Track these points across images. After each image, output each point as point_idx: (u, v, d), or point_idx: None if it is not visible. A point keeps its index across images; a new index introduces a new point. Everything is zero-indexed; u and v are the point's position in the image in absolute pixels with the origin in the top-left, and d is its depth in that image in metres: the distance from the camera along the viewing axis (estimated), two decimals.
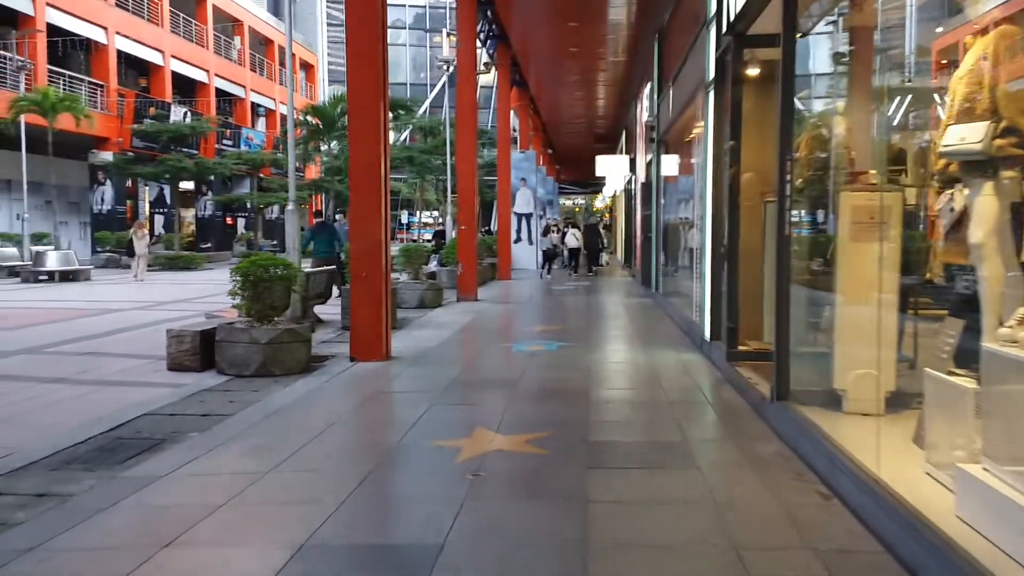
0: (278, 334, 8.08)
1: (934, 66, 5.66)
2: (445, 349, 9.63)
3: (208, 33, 37.72)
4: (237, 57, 41.13)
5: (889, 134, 5.88)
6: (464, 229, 15.67)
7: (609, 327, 12.22)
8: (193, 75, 36.68)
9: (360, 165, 8.78)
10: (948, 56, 5.69)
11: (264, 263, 8.49)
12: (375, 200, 8.72)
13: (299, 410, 6.37)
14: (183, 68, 35.78)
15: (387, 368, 8.27)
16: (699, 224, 9.97)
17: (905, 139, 5.98)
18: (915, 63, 5.99)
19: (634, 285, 19.85)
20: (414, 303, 14.54)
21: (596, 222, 31.22)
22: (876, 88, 6.13)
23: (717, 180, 8.41)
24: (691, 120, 11.29)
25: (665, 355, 8.88)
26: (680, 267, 12.54)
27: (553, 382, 7.35)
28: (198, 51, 37.08)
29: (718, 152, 8.41)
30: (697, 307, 9.82)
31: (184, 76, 36.12)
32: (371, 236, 8.73)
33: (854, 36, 6.61)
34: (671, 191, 14.06)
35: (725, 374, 7.38)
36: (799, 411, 5.22)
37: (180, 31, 36.02)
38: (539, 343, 9.83)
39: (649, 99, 16.85)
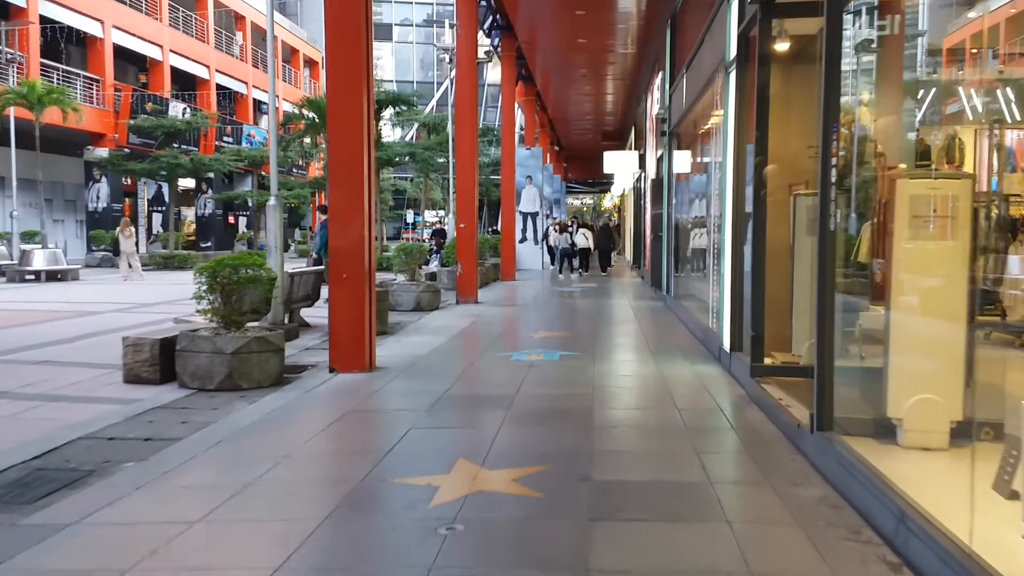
0: (246, 343, 7.21)
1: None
2: (437, 358, 8.75)
3: (209, 28, 36.96)
4: (239, 53, 40.36)
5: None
6: (464, 228, 14.79)
7: (616, 333, 11.31)
8: (193, 71, 35.93)
9: (340, 155, 7.91)
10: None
11: (234, 263, 7.63)
12: (357, 194, 7.85)
13: (257, 435, 5.50)
14: (183, 63, 35.03)
15: (369, 381, 7.39)
16: (716, 222, 9.07)
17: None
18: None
19: (643, 287, 18.93)
20: (410, 306, 13.68)
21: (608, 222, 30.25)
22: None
23: (738, 172, 7.50)
24: (707, 108, 10.38)
25: (679, 367, 7.98)
26: (694, 269, 11.62)
27: (553, 400, 6.46)
28: (198, 46, 36.32)
29: (739, 141, 7.50)
30: (714, 313, 8.91)
31: (184, 72, 35.38)
32: (352, 234, 7.85)
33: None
34: (684, 187, 13.15)
35: (749, 392, 6.47)
36: (846, 445, 4.32)
37: (180, 25, 35.27)
38: (540, 352, 8.94)
39: (660, 90, 15.93)
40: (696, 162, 11.93)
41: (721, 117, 8.68)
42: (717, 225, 8.90)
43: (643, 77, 21.85)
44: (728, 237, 7.73)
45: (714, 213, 9.19)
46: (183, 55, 34.95)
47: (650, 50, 19.26)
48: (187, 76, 35.81)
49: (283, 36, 45.39)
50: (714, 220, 9.14)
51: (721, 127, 8.59)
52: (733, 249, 7.52)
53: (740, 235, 7.51)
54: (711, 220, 9.28)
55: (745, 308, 7.43)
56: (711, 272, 9.29)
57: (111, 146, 29.34)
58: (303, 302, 11.71)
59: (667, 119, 14.40)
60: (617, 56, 21.67)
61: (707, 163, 10.66)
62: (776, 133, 6.92)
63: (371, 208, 8.05)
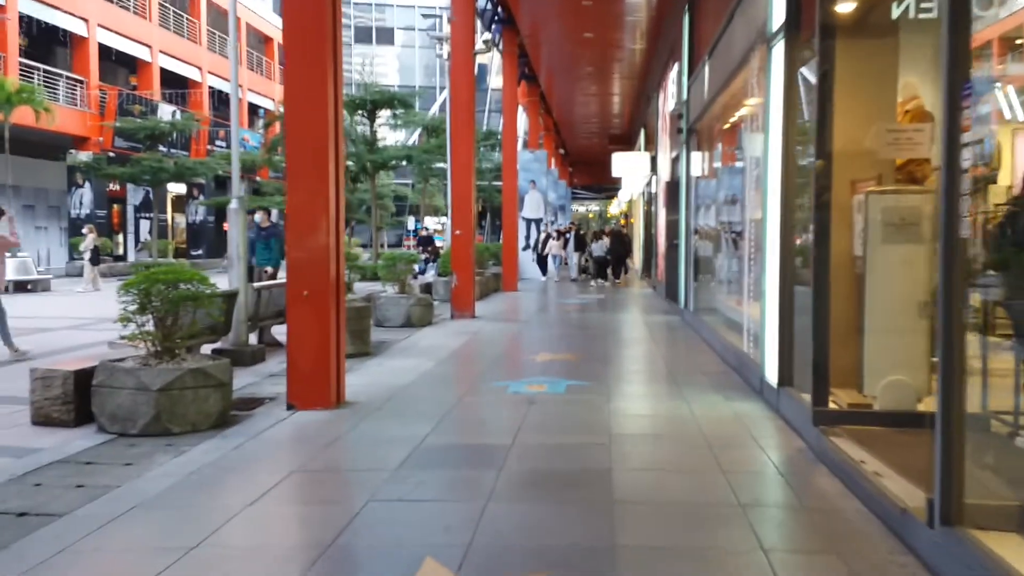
0: (178, 377, 5.80)
1: None
2: (420, 389, 7.34)
3: (201, 28, 35.69)
4: None
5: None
6: (460, 235, 13.39)
7: (632, 356, 9.91)
8: (185, 72, 34.64)
9: (300, 149, 6.53)
10: None
11: (169, 277, 6.24)
12: (320, 195, 6.46)
13: (158, 513, 4.09)
14: (173, 65, 33.74)
15: (333, 422, 5.99)
16: (752, 227, 7.65)
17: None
18: None
19: (656, 299, 17.49)
20: (399, 321, 12.28)
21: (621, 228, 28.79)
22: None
23: (787, 167, 6.08)
24: (737, 96, 8.98)
25: (712, 404, 6.55)
26: (720, 280, 10.20)
27: (558, 455, 5.04)
28: (190, 47, 35.06)
29: (788, 129, 6.09)
30: (751, 335, 7.49)
31: (175, 73, 34.09)
32: (315, 242, 6.46)
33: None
34: (705, 189, 11.74)
35: (813, 447, 5.03)
36: (989, 552, 2.90)
37: (171, 26, 34.00)
38: (543, 380, 7.53)
39: (676, 83, 14.53)
40: (722, 160, 10.52)
41: (759, 103, 7.28)
42: (753, 231, 7.48)
43: (654, 73, 20.48)
44: (773, 245, 6.32)
45: (749, 217, 7.77)
46: (174, 56, 33.67)
47: (663, 44, 17.89)
48: (178, 78, 34.53)
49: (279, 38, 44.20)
50: (749, 225, 7.73)
51: (760, 115, 7.18)
52: (782, 260, 6.10)
53: (789, 242, 6.09)
54: (746, 225, 7.87)
55: (796, 333, 6.02)
56: (745, 286, 7.88)
57: (96, 150, 28.03)
58: (274, 319, 10.32)
59: (684, 115, 13.00)
60: (626, 52, 20.32)
61: (737, 160, 9.25)
62: (838, 118, 5.50)
63: (339, 212, 6.66)
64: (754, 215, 7.54)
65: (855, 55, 5.64)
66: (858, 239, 5.52)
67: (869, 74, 5.77)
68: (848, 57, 5.52)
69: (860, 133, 5.69)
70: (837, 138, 5.41)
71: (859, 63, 5.69)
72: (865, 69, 5.74)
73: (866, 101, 5.74)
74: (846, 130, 5.54)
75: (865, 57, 5.75)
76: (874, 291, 5.24)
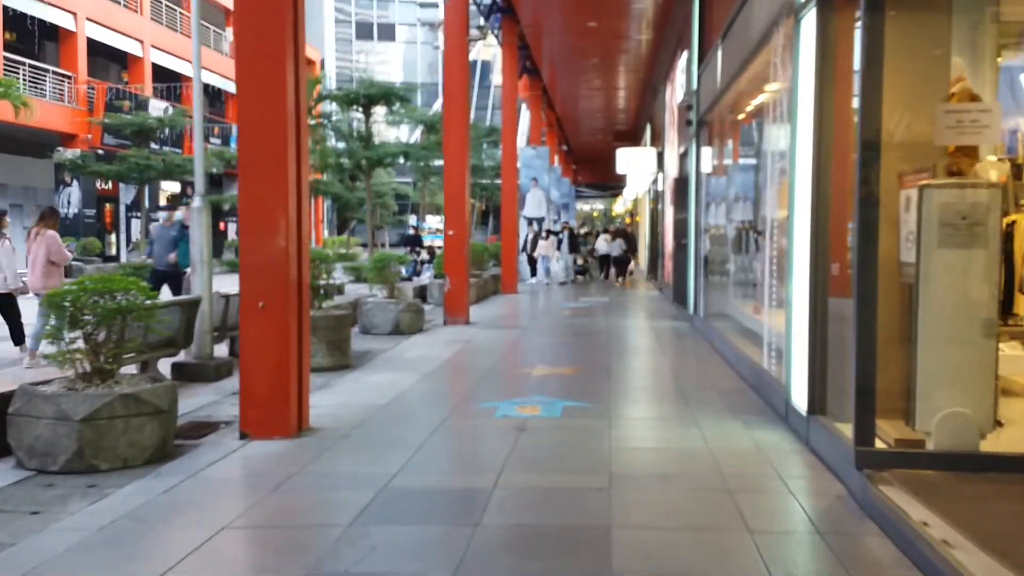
0: (105, 404, 4.96)
1: None
2: (397, 412, 6.49)
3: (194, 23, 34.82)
4: (229, 50, 38.22)
5: None
6: (452, 235, 12.52)
7: (637, 369, 9.04)
8: (178, 68, 33.78)
9: (253, 137, 5.68)
10: None
11: (102, 288, 5.39)
12: (277, 190, 5.61)
13: None
14: (166, 60, 32.87)
15: (289, 456, 5.14)
16: (774, 226, 6.79)
17: None
18: None
19: (663, 303, 16.60)
20: (387, 328, 11.43)
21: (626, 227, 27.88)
22: None
23: (820, 157, 5.21)
24: (755, 81, 8.11)
25: (729, 432, 5.68)
26: (734, 284, 9.34)
27: (545, 505, 4.17)
28: (183, 41, 34.15)
29: (821, 114, 5.22)
30: (773, 350, 6.62)
31: (168, 69, 33.22)
32: (271, 246, 5.61)
33: None
34: (718, 185, 10.86)
35: (858, 495, 4.16)
36: None
37: (163, 20, 33.15)
38: (536, 401, 6.67)
39: (685, 73, 13.64)
40: (736, 153, 9.65)
41: (783, 87, 6.41)
42: (776, 231, 6.61)
43: (661, 65, 19.60)
44: (801, 248, 5.45)
45: (770, 215, 6.90)
46: (166, 51, 32.80)
47: (670, 33, 17.01)
48: (171, 74, 33.69)
49: None
50: (770, 224, 6.85)
51: (785, 100, 6.31)
52: (813, 265, 5.23)
53: (823, 245, 5.22)
54: (766, 225, 6.99)
55: (829, 352, 5.15)
56: (766, 292, 7.00)
57: (84, 147, 27.21)
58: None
59: (694, 106, 12.11)
60: (631, 43, 19.44)
61: (756, 152, 8.39)
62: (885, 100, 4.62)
63: (302, 210, 5.80)
64: (776, 213, 6.67)
65: (902, 27, 4.76)
66: (906, 242, 4.65)
67: (918, 49, 4.90)
68: (894, 27, 4.65)
69: (908, 117, 4.83)
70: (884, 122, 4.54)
71: (906, 37, 4.82)
72: (914, 44, 4.87)
73: (915, 80, 4.87)
74: (892, 114, 4.67)
75: (913, 29, 4.88)
76: (928, 304, 4.36)
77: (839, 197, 5.26)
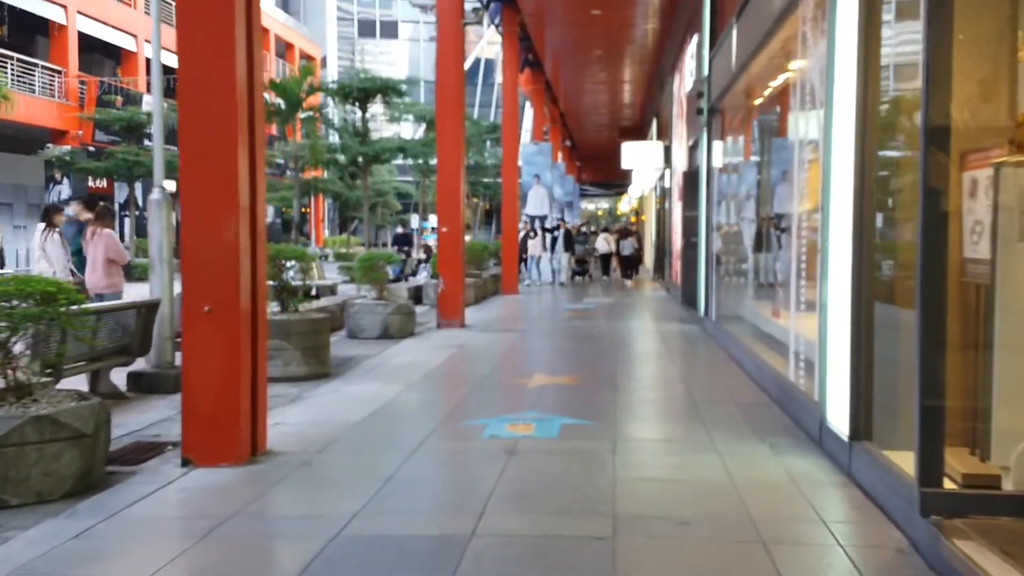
0: (14, 428, 4.17)
1: None
2: (372, 431, 5.68)
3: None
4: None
5: None
6: (447, 232, 11.72)
7: (644, 378, 8.22)
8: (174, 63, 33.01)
9: (196, 110, 4.88)
10: None
11: (17, 290, 4.60)
12: (225, 175, 4.81)
13: None
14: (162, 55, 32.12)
15: (233, 489, 4.35)
16: (798, 220, 5.97)
17: None
18: None
19: (671, 304, 15.77)
20: (375, 332, 10.63)
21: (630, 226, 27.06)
22: None
23: (866, 142, 4.39)
24: (776, 61, 7.29)
25: (755, 458, 4.85)
26: (752, 285, 8.51)
27: (534, 562, 3.35)
28: None
29: (867, 86, 4.39)
30: (800, 360, 5.79)
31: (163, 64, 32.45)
32: (219, 240, 4.81)
33: None
34: (732, 178, 10.02)
35: (925, 550, 3.33)
36: None
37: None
38: (531, 418, 5.86)
39: (696, 58, 12.81)
40: (755, 141, 8.82)
41: (812, 64, 5.59)
42: (803, 226, 5.79)
43: (668, 55, 18.76)
44: (840, 244, 4.62)
45: (796, 209, 6.08)
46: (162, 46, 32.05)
47: (678, 21, 16.18)
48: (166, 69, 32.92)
49: (277, 30, 42.71)
50: (797, 219, 6.03)
51: (815, 77, 5.49)
52: (856, 265, 4.40)
53: (867, 241, 4.39)
54: (792, 219, 6.17)
55: (876, 365, 4.33)
56: (792, 294, 6.18)
57: (75, 143, 26.48)
58: None
59: (705, 93, 11.28)
60: (637, 32, 18.61)
61: (777, 139, 7.57)
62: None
63: (256, 200, 5.00)
64: (803, 207, 5.85)
65: None
66: (972, 235, 3.83)
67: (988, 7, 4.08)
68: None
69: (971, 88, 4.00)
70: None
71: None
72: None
73: (984, 45, 4.05)
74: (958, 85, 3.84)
75: None
76: (1007, 311, 3.55)
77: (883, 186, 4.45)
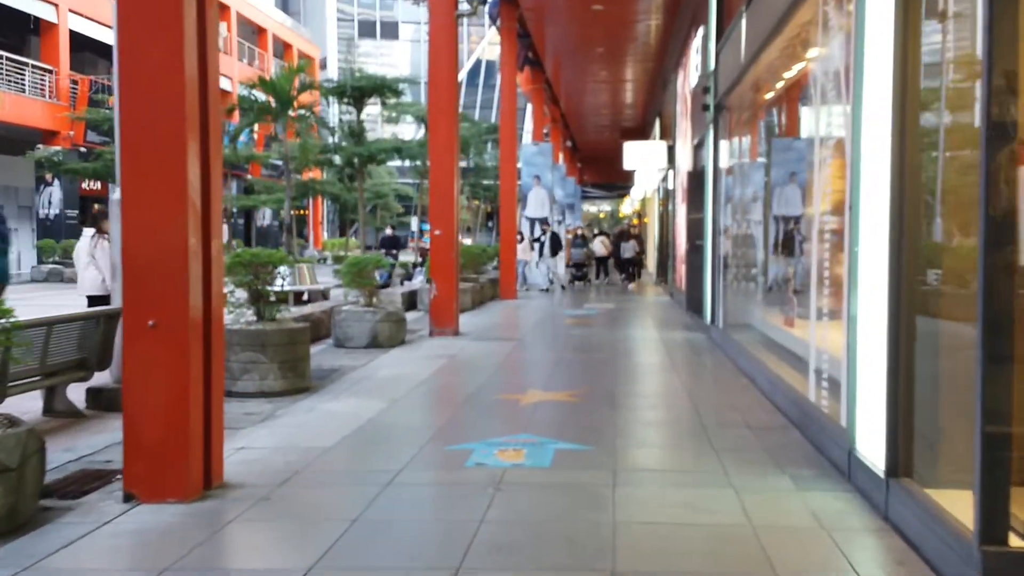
0: None
1: None
2: (341, 459, 5.09)
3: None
4: (223, 45, 36.95)
5: None
6: (440, 235, 11.13)
7: (648, 395, 7.62)
8: None
9: (139, 96, 4.30)
10: None
11: None
12: (173, 171, 4.22)
13: None
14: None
15: (176, 532, 3.77)
16: (819, 222, 5.38)
17: None
18: None
19: (675, 310, 15.17)
20: (363, 340, 10.04)
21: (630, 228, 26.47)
22: None
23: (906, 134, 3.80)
24: (792, 47, 6.70)
25: (775, 495, 4.26)
26: (764, 292, 7.92)
27: None
28: None
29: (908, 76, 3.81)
30: (822, 377, 5.20)
31: None
32: (165, 243, 4.23)
33: None
34: (741, 177, 9.43)
35: None
36: None
37: None
38: (522, 443, 5.27)
39: (701, 53, 12.23)
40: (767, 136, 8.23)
41: (834, 49, 5.00)
42: (828, 228, 5.19)
43: (672, 52, 18.18)
44: (874, 252, 4.03)
45: (817, 209, 5.49)
46: None
47: (683, 15, 15.59)
48: None
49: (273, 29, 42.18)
50: (817, 220, 5.44)
51: (840, 63, 4.90)
52: (894, 271, 3.81)
53: (908, 245, 3.80)
54: (813, 220, 5.57)
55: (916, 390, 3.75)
56: (811, 303, 5.58)
57: (66, 144, 25.95)
58: None
59: (711, 88, 10.70)
60: (640, 29, 18.04)
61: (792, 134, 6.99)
62: None
63: (211, 200, 4.42)
64: (824, 206, 5.26)
65: None
66: None
67: None
68: None
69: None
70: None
71: None
72: None
73: None
74: None
75: None
76: None
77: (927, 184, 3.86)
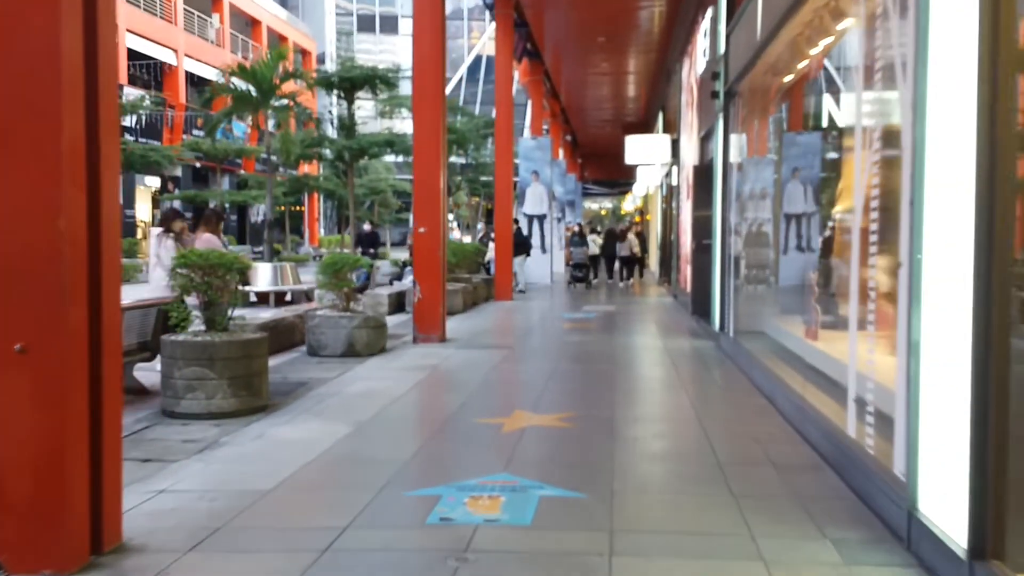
0: None
1: None
2: (276, 511, 4.15)
3: (177, 7, 32.62)
4: (215, 37, 36.01)
5: None
6: (424, 233, 10.20)
7: (652, 420, 6.66)
8: (158, 55, 31.57)
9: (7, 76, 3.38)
10: None
11: None
12: (45, 154, 3.30)
13: None
14: (144, 46, 30.65)
15: None
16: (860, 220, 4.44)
17: None
18: None
19: (679, 313, 14.23)
20: (339, 349, 9.13)
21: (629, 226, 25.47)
22: None
23: (995, 113, 2.86)
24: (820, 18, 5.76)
25: (816, 567, 3.33)
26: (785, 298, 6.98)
27: None
28: (164, 27, 32.00)
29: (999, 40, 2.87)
30: (870, 412, 4.25)
31: (146, 56, 31.01)
32: (32, 247, 3.31)
33: None
34: (757, 171, 8.49)
35: None
36: None
37: (141, 3, 30.97)
38: (499, 488, 4.34)
39: (710, 36, 11.28)
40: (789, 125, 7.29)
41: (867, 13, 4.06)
42: (876, 228, 4.25)
43: (676, 41, 17.24)
44: (951, 259, 3.10)
45: (858, 203, 4.54)
46: (144, 36, 30.57)
47: (688, 2, 14.65)
48: (150, 61, 31.48)
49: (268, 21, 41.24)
50: (859, 217, 4.49)
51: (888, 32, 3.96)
52: (982, 288, 2.87)
53: (1001, 255, 2.86)
54: (855, 219, 4.63)
55: (1009, 444, 2.80)
56: (851, 316, 4.64)
57: None
58: (135, 354, 7.20)
59: (721, 73, 9.76)
60: (643, 16, 17.09)
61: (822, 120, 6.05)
62: None
63: (103, 181, 3.50)
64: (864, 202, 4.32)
65: None
66: None
67: None
68: None
69: None
70: None
71: None
72: None
73: None
74: None
75: None
76: None
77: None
